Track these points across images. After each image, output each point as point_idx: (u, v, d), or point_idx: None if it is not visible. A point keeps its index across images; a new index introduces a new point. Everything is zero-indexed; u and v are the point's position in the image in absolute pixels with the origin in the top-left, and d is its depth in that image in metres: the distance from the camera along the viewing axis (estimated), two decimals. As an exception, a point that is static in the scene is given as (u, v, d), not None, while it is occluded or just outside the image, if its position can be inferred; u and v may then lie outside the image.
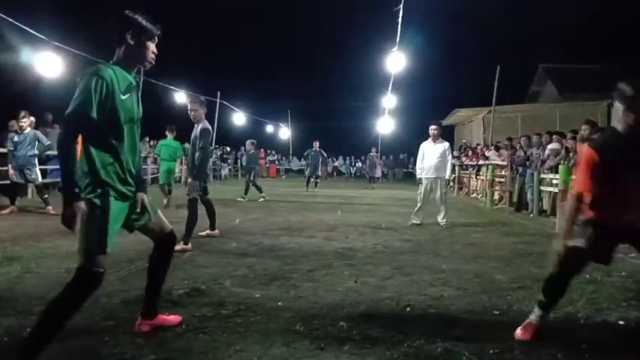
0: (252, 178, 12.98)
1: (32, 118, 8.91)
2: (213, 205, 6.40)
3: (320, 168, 17.52)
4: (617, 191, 2.79)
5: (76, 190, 2.26)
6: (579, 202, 2.94)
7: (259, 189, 12.75)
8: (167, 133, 10.86)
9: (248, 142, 13.86)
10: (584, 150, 2.91)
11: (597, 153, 2.83)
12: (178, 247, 5.38)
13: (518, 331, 2.91)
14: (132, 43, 2.46)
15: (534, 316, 2.98)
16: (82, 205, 2.25)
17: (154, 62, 2.58)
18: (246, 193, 12.60)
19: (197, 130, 5.78)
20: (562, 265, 2.91)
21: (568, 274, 2.94)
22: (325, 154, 17.71)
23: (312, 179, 16.70)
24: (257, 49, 40.18)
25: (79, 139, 2.36)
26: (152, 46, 2.55)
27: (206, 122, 5.89)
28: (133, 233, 2.76)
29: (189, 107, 5.90)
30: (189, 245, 5.45)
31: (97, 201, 2.33)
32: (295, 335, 2.87)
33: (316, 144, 17.04)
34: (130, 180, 2.50)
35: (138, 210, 2.61)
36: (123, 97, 2.40)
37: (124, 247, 4.64)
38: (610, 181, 2.80)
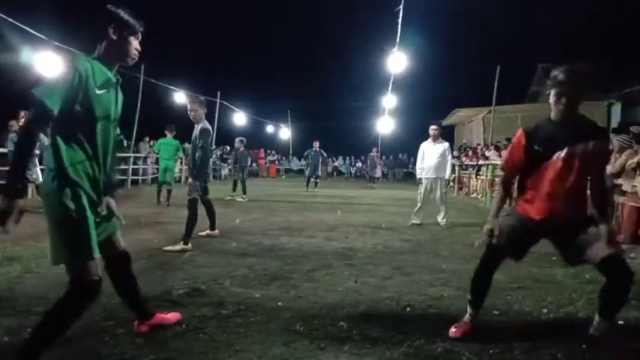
0: (245, 176, 12.97)
1: None
2: (212, 206, 6.40)
3: (320, 168, 17.50)
4: (543, 180, 2.77)
5: (19, 187, 2.10)
6: (507, 186, 2.99)
7: (245, 189, 12.73)
8: (166, 132, 10.89)
9: (237, 139, 13.76)
10: (518, 133, 2.92)
11: (527, 137, 2.83)
12: (178, 247, 5.41)
13: (452, 329, 2.93)
14: (114, 38, 2.38)
15: (468, 315, 3.03)
16: (20, 204, 2.09)
17: (136, 59, 2.48)
18: (245, 193, 12.60)
19: (197, 130, 5.78)
20: (482, 261, 3.02)
21: (489, 270, 3.01)
22: (325, 154, 17.70)
23: (312, 179, 16.69)
24: (257, 49, 40.22)
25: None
26: (135, 42, 2.46)
27: (206, 122, 5.88)
28: (132, 233, 2.76)
29: (188, 107, 5.88)
30: (190, 245, 5.45)
31: (69, 204, 2.18)
32: (295, 335, 2.87)
33: (316, 144, 17.03)
34: (100, 184, 2.36)
35: (103, 213, 2.43)
36: (98, 92, 2.26)
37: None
38: (536, 167, 2.79)
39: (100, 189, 2.36)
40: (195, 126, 5.82)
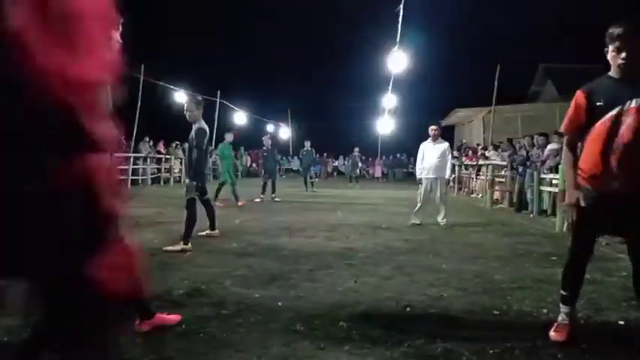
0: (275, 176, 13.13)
1: None
2: (212, 206, 6.40)
3: (313, 167, 17.46)
4: (607, 139, 2.66)
5: None
6: (574, 148, 2.89)
7: (264, 189, 12.71)
8: (227, 136, 11.43)
9: (266, 137, 13.73)
10: (576, 94, 2.83)
11: (587, 97, 2.75)
12: (178, 247, 5.40)
13: (552, 333, 2.84)
14: None
15: (563, 315, 2.93)
16: None
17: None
18: (274, 192, 12.68)
19: (193, 130, 5.76)
20: (573, 251, 2.91)
21: (582, 259, 2.91)
22: (315, 154, 17.62)
23: (308, 179, 16.71)
24: (257, 48, 40.19)
25: None
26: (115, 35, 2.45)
27: (202, 122, 5.81)
28: (132, 233, 2.76)
29: (185, 108, 5.82)
30: (189, 245, 5.45)
31: None
32: (295, 335, 2.87)
33: (307, 143, 17.06)
34: None
35: None
36: None
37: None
38: (600, 126, 2.68)
39: None
40: (193, 126, 5.80)
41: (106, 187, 1.27)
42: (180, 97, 18.10)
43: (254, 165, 30.88)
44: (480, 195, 14.56)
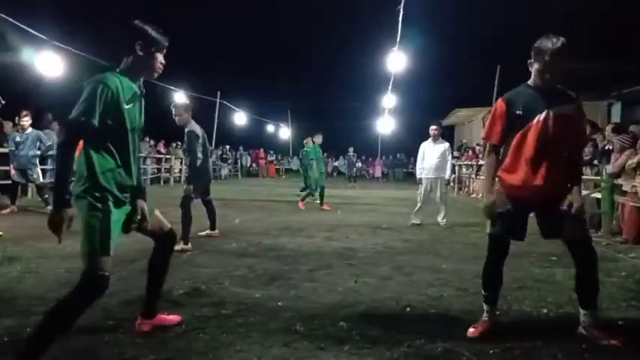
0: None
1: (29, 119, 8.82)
2: (214, 206, 6.39)
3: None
4: (524, 145, 2.82)
5: (67, 197, 2.25)
6: (492, 153, 3.01)
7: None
8: (314, 139, 11.10)
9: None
10: (497, 102, 2.98)
11: (507, 105, 2.89)
12: (178, 247, 5.38)
13: (470, 329, 2.93)
14: (141, 54, 2.47)
15: (485, 313, 3.05)
16: (72, 211, 2.24)
17: (160, 72, 2.60)
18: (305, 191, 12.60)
19: (185, 134, 5.75)
20: (489, 253, 3.05)
21: (497, 261, 3.03)
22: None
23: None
24: (257, 49, 40.14)
25: (80, 143, 2.36)
26: (160, 57, 2.57)
27: (193, 124, 5.78)
28: (131, 233, 2.76)
29: (173, 112, 5.77)
30: (189, 245, 5.45)
31: (97, 204, 2.32)
32: (295, 335, 2.87)
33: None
34: (128, 188, 2.49)
35: (138, 217, 2.60)
36: (127, 107, 2.41)
37: (124, 247, 4.63)
38: (517, 133, 2.84)
39: (127, 190, 2.49)
40: (185, 130, 5.78)
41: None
42: (180, 97, 18.12)
43: (254, 165, 30.90)
44: (480, 195, 14.56)
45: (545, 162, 2.81)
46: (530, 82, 2.94)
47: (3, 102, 6.99)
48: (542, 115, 2.80)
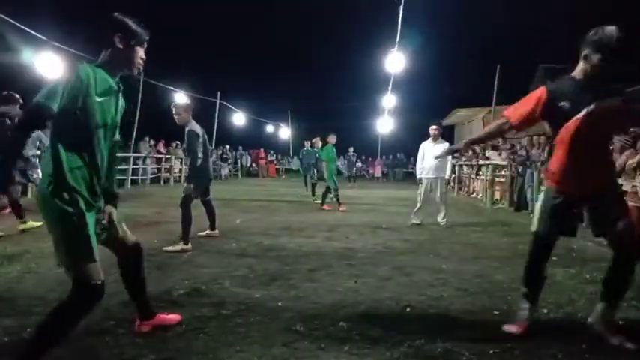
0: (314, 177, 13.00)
1: None
2: (213, 206, 6.38)
3: (313, 168, 17.44)
4: (573, 140, 2.76)
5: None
6: (504, 131, 3.00)
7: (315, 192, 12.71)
8: (329, 139, 11.12)
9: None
10: (538, 89, 2.89)
11: (550, 95, 2.82)
12: (178, 247, 5.41)
13: (512, 327, 2.93)
14: (120, 46, 2.39)
15: (524, 310, 3.03)
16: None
17: (141, 68, 2.50)
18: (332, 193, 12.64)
19: (185, 134, 5.75)
20: (532, 251, 3.00)
21: (541, 258, 3.00)
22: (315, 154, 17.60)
23: (308, 179, 16.71)
24: (257, 49, 40.15)
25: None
26: (141, 52, 2.47)
27: (193, 124, 5.78)
28: (132, 233, 2.76)
29: (174, 112, 5.78)
30: (189, 245, 5.45)
31: (68, 208, 2.18)
32: (295, 335, 2.87)
33: (307, 143, 17.06)
34: (98, 190, 2.36)
35: (104, 222, 2.47)
36: (98, 99, 2.27)
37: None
38: (564, 127, 2.77)
39: (97, 193, 2.36)
40: (185, 130, 5.78)
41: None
42: (181, 97, 18.12)
43: (254, 165, 30.89)
44: (480, 195, 14.55)
45: (593, 154, 2.76)
46: (575, 74, 2.84)
47: (21, 101, 7.00)
48: (590, 108, 2.71)
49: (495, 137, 2.94)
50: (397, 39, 13.12)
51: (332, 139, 11.14)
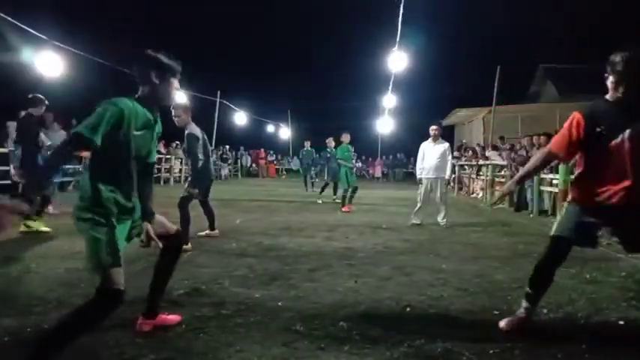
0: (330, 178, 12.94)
1: None
2: (211, 207, 6.35)
3: (313, 168, 17.44)
4: (607, 164, 2.75)
5: (42, 184, 2.33)
6: (548, 161, 3.02)
7: (323, 190, 12.76)
8: (342, 139, 10.97)
9: (329, 140, 13.42)
10: (574, 116, 2.85)
11: (586, 120, 2.79)
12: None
13: (503, 322, 2.93)
14: (157, 82, 2.50)
15: (522, 309, 3.02)
16: (26, 207, 2.27)
17: (175, 97, 2.67)
18: (335, 193, 12.50)
19: (185, 137, 5.75)
20: (547, 254, 2.97)
21: (553, 264, 2.98)
22: (315, 154, 17.58)
23: (308, 179, 16.73)
24: (257, 49, 40.17)
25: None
26: (175, 82, 2.60)
27: (193, 126, 5.76)
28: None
29: (173, 113, 5.72)
30: (189, 245, 5.44)
31: (101, 219, 2.33)
32: (295, 335, 2.87)
33: (307, 143, 17.08)
34: (129, 207, 2.50)
35: (142, 239, 2.64)
36: (136, 133, 2.42)
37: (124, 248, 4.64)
38: (599, 152, 2.76)
39: (128, 210, 2.50)
40: (185, 131, 5.77)
41: None
42: (180, 97, 18.09)
43: (254, 165, 30.90)
44: (480, 195, 14.55)
45: (629, 178, 2.71)
46: (608, 96, 2.83)
47: (47, 103, 7.01)
48: (627, 134, 2.69)
49: (542, 169, 2.92)
50: (397, 39, 13.12)
51: (345, 137, 11.02)
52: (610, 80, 2.77)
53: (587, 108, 2.87)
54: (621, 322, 3.21)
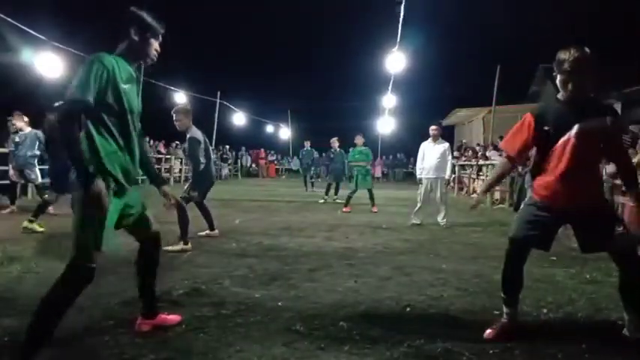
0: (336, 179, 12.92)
1: (26, 118, 8.74)
2: (207, 208, 6.28)
3: (313, 167, 17.44)
4: (554, 162, 2.78)
5: (91, 170, 2.24)
6: (506, 166, 3.08)
7: (328, 191, 12.73)
8: (357, 139, 10.95)
9: (334, 140, 13.30)
10: (525, 116, 2.91)
11: (536, 120, 2.83)
12: (178, 247, 5.41)
13: (487, 333, 2.90)
14: (135, 38, 2.49)
15: (504, 315, 3.00)
16: (101, 184, 2.24)
17: (155, 60, 2.61)
18: (336, 193, 12.56)
19: (186, 140, 5.76)
20: (508, 257, 3.00)
21: (516, 265, 2.99)
22: (315, 154, 17.58)
23: (308, 179, 16.75)
24: (257, 49, 40.18)
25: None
26: (155, 44, 2.58)
27: (194, 130, 5.77)
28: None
29: (174, 117, 5.76)
30: (189, 245, 5.45)
31: (98, 194, 2.26)
32: (295, 335, 2.87)
33: (307, 143, 17.09)
34: (133, 174, 2.50)
35: (168, 204, 2.77)
36: (124, 86, 2.40)
37: (124, 248, 4.63)
38: (548, 149, 2.80)
39: (131, 177, 2.50)
40: (186, 135, 5.78)
41: None
42: (181, 97, 18.13)
43: (254, 165, 30.90)
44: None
45: (578, 176, 2.74)
46: (559, 95, 2.86)
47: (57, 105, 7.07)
48: (573, 132, 2.72)
49: (505, 176, 2.98)
50: (398, 39, 13.12)
51: (359, 139, 10.97)
52: (558, 79, 2.80)
53: (537, 108, 2.94)
54: (621, 322, 3.21)
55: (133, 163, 2.50)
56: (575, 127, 2.72)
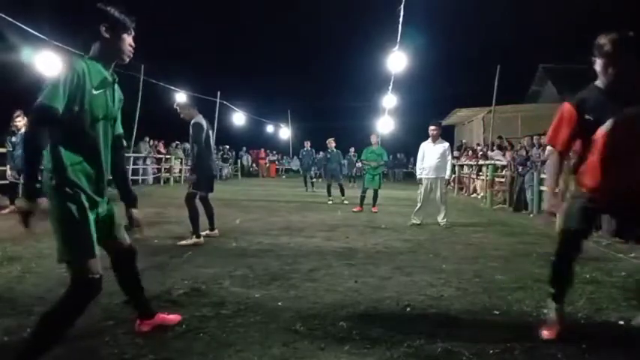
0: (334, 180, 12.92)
1: (26, 119, 8.79)
2: (211, 206, 6.35)
3: (313, 168, 17.46)
4: (602, 152, 2.68)
5: (37, 186, 2.14)
6: (559, 158, 2.92)
7: (330, 192, 12.72)
8: (373, 138, 11.01)
9: (330, 140, 13.53)
10: (564, 107, 2.82)
11: (577, 109, 2.75)
12: (191, 241, 5.58)
13: (545, 332, 2.86)
14: (107, 36, 2.37)
15: (552, 312, 2.96)
16: (43, 201, 2.14)
17: (131, 55, 2.48)
18: (342, 194, 12.52)
19: (190, 126, 5.88)
20: (562, 249, 2.91)
21: (569, 257, 2.92)
22: (315, 154, 17.58)
23: (308, 179, 16.76)
24: (257, 49, 40.20)
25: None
26: (128, 39, 2.46)
27: (199, 117, 5.94)
28: (132, 233, 2.75)
29: (178, 110, 6.00)
30: (202, 238, 5.58)
31: (70, 204, 2.20)
32: (295, 335, 2.87)
33: (307, 143, 17.11)
34: (102, 185, 2.37)
35: (134, 228, 2.58)
36: (95, 92, 2.27)
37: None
38: (590, 139, 2.71)
39: (101, 189, 2.37)
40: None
41: None
42: (181, 97, 18.08)
43: (254, 165, 30.89)
44: (481, 195, 14.55)
45: (622, 165, 2.66)
46: (597, 82, 2.77)
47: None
48: (615, 119, 2.62)
49: (561, 171, 2.90)
50: (398, 39, 13.10)
51: (374, 138, 11.09)
52: (598, 64, 2.71)
53: (576, 97, 2.82)
54: (621, 322, 3.21)
55: (100, 174, 2.34)
56: (617, 115, 2.63)
